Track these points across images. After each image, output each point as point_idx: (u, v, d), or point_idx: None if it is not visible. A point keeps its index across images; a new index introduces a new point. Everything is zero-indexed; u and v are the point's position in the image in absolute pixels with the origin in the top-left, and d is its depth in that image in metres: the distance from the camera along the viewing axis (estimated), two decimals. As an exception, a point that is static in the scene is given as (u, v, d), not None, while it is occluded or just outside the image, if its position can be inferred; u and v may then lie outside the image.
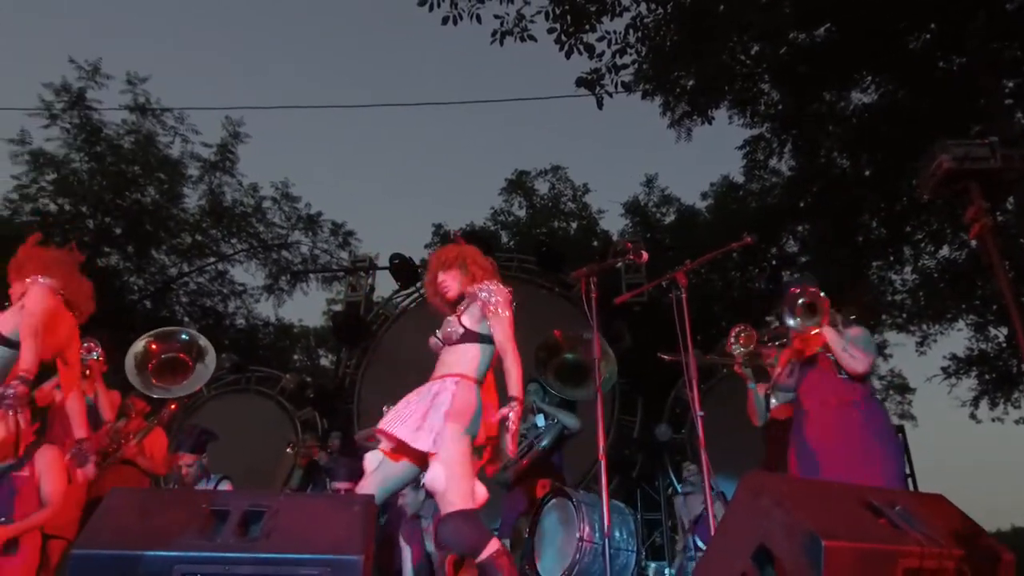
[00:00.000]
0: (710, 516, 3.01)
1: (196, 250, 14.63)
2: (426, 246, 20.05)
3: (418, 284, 9.86)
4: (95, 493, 5.09)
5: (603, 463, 2.74)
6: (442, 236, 20.40)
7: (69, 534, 4.10)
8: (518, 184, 20.29)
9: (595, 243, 18.59)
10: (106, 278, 13.74)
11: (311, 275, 14.70)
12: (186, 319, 14.68)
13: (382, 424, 2.88)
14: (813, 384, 3.47)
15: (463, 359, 3.06)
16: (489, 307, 3.05)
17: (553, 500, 4.36)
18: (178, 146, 14.21)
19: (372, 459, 3.02)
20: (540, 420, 5.54)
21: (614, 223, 24.74)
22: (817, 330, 3.22)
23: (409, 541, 5.04)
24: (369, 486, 2.90)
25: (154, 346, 6.01)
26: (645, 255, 3.28)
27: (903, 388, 21.48)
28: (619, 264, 9.68)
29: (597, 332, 3.02)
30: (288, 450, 6.70)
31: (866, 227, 14.32)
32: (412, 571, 5.10)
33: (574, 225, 19.74)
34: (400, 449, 2.90)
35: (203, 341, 6.16)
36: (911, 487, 8.36)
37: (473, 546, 2.70)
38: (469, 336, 3.10)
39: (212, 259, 14.70)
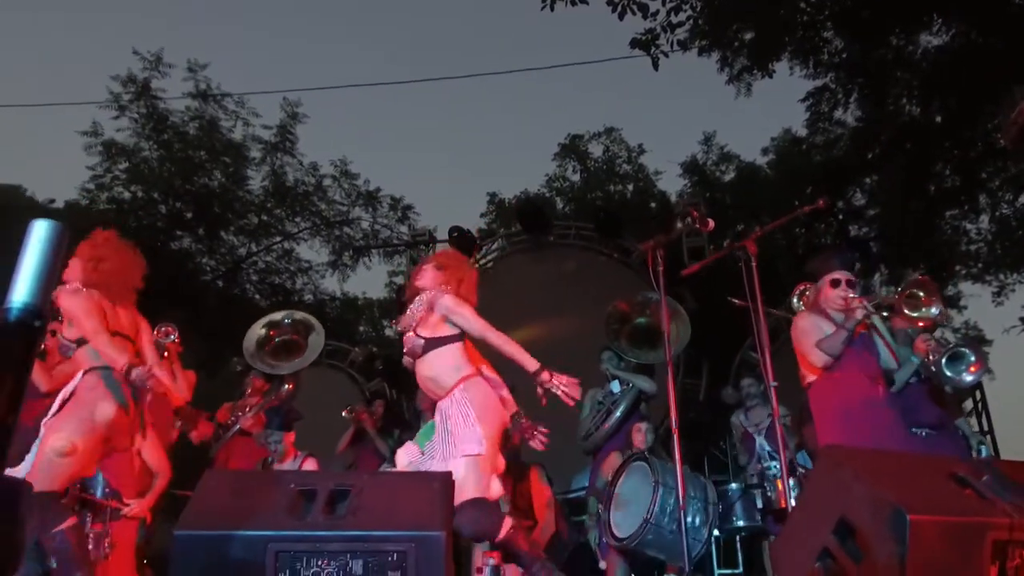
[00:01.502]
0: (776, 421, 3.01)
1: (262, 230, 15.04)
2: (481, 215, 20.07)
3: (477, 256, 9.94)
4: (223, 459, 5.59)
5: (675, 435, 2.75)
6: (497, 204, 20.41)
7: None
8: (571, 148, 20.03)
9: (652, 205, 18.30)
10: (180, 261, 14.28)
11: (373, 250, 14.97)
12: (257, 296, 15.19)
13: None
14: (864, 359, 3.50)
15: (444, 367, 3.17)
16: (450, 315, 3.19)
17: (634, 463, 4.43)
18: (240, 129, 14.60)
19: (403, 456, 3.17)
20: (616, 386, 5.62)
21: (672, 184, 24.23)
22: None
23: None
24: None
25: (272, 332, 6.39)
26: (711, 223, 3.24)
27: (979, 340, 20.68)
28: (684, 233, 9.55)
29: (666, 308, 2.99)
30: (344, 414, 6.96)
31: (939, 176, 13.72)
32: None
33: (630, 188, 19.43)
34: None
35: (299, 315, 6.48)
36: (989, 442, 8.08)
37: (489, 531, 2.88)
38: (430, 344, 3.20)
39: (278, 238, 15.10)
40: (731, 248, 3.33)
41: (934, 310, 3.46)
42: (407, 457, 3.20)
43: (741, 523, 4.20)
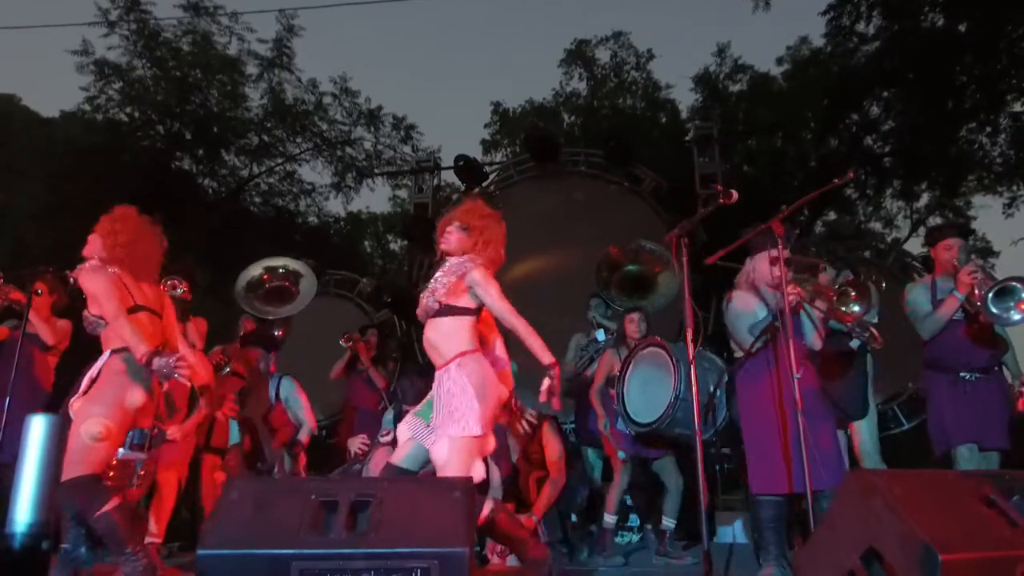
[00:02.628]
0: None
1: (263, 150, 14.75)
2: (485, 125, 19.56)
3: (483, 184, 9.76)
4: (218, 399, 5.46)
5: (698, 437, 2.71)
6: (501, 115, 19.89)
7: None
8: (578, 54, 19.27)
9: (662, 117, 17.79)
10: (183, 182, 14.06)
11: (376, 172, 14.72)
12: (261, 220, 15.05)
13: (428, 445, 3.05)
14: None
15: (450, 337, 3.10)
16: (476, 289, 3.08)
17: (647, 350, 4.42)
18: (235, 45, 14.09)
19: (406, 430, 3.14)
20: (601, 335, 5.61)
21: (683, 96, 23.20)
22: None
23: (496, 459, 5.26)
24: (402, 460, 3.08)
25: (266, 276, 6.33)
26: (735, 195, 3.11)
27: (986, 252, 20.56)
28: (707, 204, 9.30)
29: (689, 297, 2.88)
30: (341, 342, 6.95)
31: (960, 91, 13.27)
32: (500, 482, 5.39)
33: (640, 101, 18.81)
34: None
35: (293, 265, 6.37)
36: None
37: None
38: (444, 310, 3.12)
39: (279, 159, 14.83)
40: (756, 232, 3.20)
41: (856, 308, 3.37)
42: (410, 430, 3.17)
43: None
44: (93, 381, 3.14)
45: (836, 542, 2.09)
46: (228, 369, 5.85)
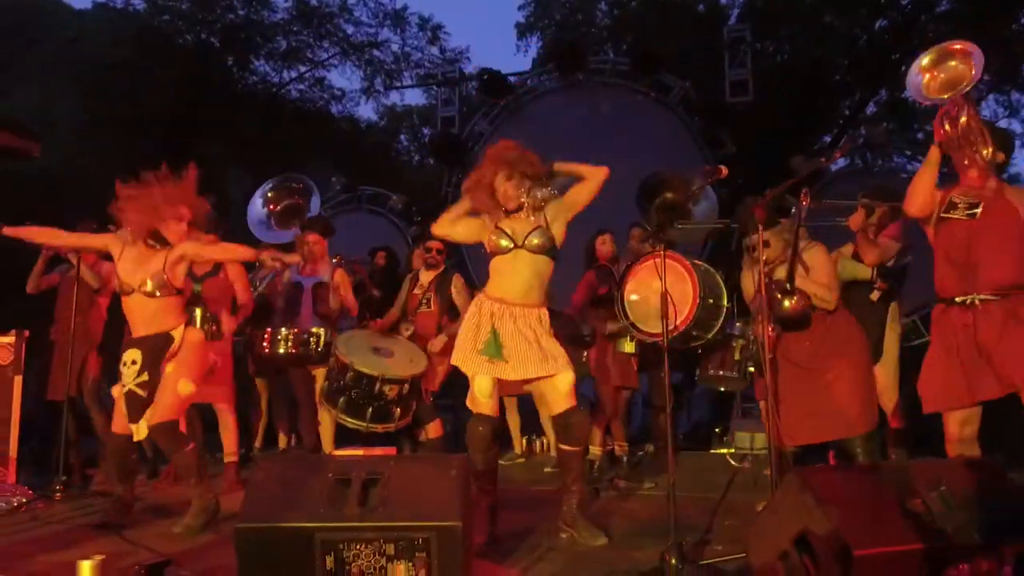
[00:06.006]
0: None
1: (291, 54, 14.67)
2: (519, 8, 18.84)
3: (508, 98, 9.68)
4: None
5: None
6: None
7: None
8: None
9: (700, 7, 16.94)
10: (216, 92, 14.16)
11: (404, 74, 14.58)
12: (295, 128, 15.18)
13: (526, 374, 3.26)
14: None
15: (546, 279, 3.29)
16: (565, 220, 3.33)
17: (648, 263, 4.28)
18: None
19: (485, 386, 3.28)
20: None
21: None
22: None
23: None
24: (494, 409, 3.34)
25: (272, 205, 6.38)
26: (724, 170, 3.23)
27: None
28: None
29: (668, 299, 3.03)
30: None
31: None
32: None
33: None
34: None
35: (307, 181, 6.44)
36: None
37: (586, 441, 3.32)
38: (554, 252, 3.30)
39: (308, 66, 14.76)
40: (726, 226, 3.33)
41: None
42: (489, 375, 3.26)
43: None
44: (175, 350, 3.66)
45: (777, 525, 2.40)
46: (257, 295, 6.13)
